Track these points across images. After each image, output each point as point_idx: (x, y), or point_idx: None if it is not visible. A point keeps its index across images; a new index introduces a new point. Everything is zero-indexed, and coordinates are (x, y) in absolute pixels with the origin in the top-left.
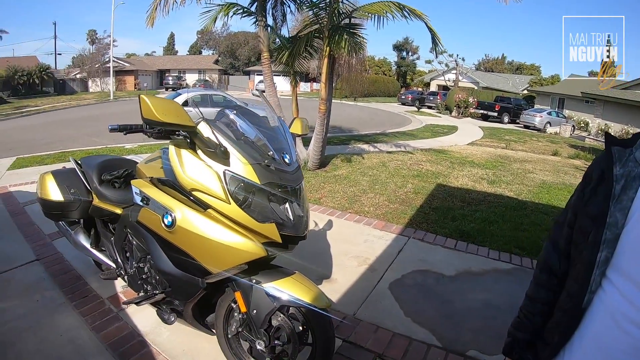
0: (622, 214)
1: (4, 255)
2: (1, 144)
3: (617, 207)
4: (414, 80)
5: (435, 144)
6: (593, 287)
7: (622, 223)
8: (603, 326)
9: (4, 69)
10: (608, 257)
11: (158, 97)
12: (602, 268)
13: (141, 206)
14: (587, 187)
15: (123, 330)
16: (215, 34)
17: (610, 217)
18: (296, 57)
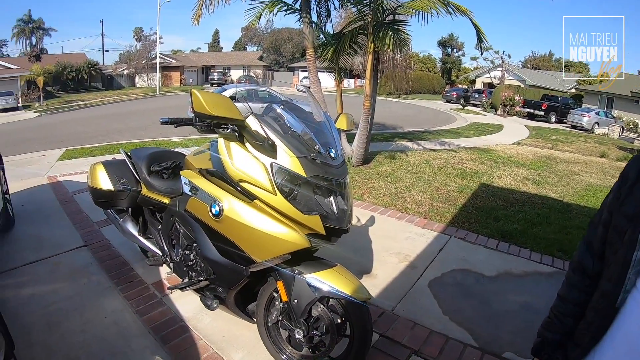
0: None
1: (53, 241)
2: (52, 136)
3: None
4: (459, 78)
5: (480, 143)
6: (628, 286)
7: None
8: (636, 326)
9: (54, 65)
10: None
11: (209, 92)
12: (638, 267)
13: (189, 196)
14: (624, 186)
15: (166, 315)
16: (259, 31)
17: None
18: (340, 54)
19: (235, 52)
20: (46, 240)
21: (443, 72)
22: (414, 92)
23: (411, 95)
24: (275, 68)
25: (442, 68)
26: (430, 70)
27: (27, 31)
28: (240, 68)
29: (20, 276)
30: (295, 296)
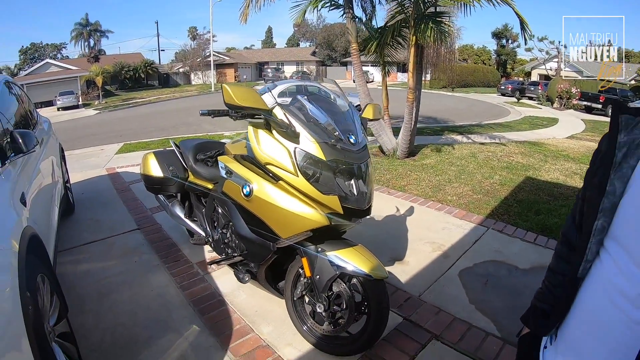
0: (620, 182)
1: (110, 224)
2: (111, 131)
3: (617, 175)
4: (514, 70)
5: (532, 137)
6: (589, 256)
7: (621, 192)
8: (595, 295)
9: (112, 65)
10: (605, 225)
11: (237, 86)
12: (599, 237)
13: (225, 178)
14: (597, 157)
15: (206, 291)
16: (311, 27)
17: (609, 186)
18: (384, 47)
19: (289, 48)
20: (103, 224)
21: (498, 64)
22: (468, 85)
23: (465, 88)
24: (328, 63)
25: (497, 60)
26: (485, 62)
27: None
28: (293, 64)
29: (78, 254)
30: (318, 272)
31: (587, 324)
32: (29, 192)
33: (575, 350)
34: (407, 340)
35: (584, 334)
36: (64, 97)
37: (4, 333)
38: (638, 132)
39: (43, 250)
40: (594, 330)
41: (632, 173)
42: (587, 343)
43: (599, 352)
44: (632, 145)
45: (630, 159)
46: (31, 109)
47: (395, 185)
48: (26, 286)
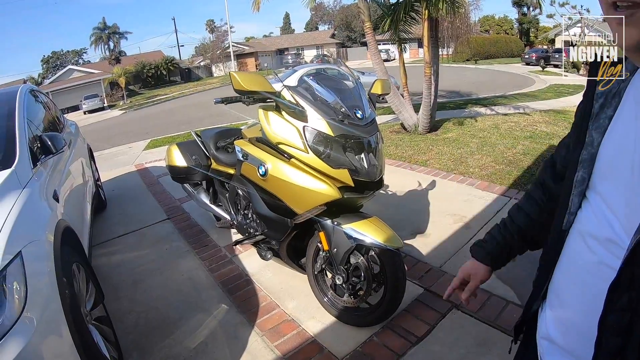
0: (598, 133)
1: (141, 216)
2: (137, 130)
3: (594, 125)
4: (538, 38)
5: (557, 105)
6: (572, 208)
7: (599, 142)
8: (574, 242)
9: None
10: (584, 177)
11: (244, 72)
12: (579, 188)
13: (242, 161)
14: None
15: (234, 272)
16: (328, 9)
17: (588, 137)
18: (398, 24)
19: (307, 32)
20: (134, 217)
21: (521, 34)
22: (491, 56)
23: (488, 60)
24: (348, 45)
25: (519, 29)
26: (507, 32)
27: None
28: (313, 48)
29: (112, 246)
30: (335, 245)
31: (567, 270)
32: (60, 190)
33: (559, 298)
34: (427, 310)
35: (565, 280)
36: (89, 100)
37: (43, 312)
38: (615, 83)
39: (77, 242)
40: (572, 275)
41: (608, 123)
42: (567, 289)
43: (575, 295)
44: (609, 95)
45: (607, 109)
46: (57, 114)
47: (417, 161)
48: (62, 273)
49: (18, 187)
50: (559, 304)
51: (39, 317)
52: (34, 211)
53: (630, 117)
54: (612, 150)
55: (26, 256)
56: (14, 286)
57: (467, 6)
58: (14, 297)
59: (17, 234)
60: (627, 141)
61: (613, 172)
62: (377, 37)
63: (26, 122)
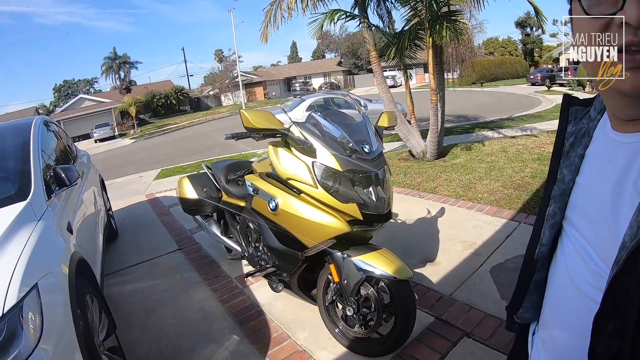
0: (569, 171)
1: (153, 246)
2: (148, 158)
3: (565, 163)
4: (542, 58)
5: None
6: (543, 240)
7: (570, 179)
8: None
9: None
10: (556, 211)
11: (254, 110)
12: (551, 221)
13: (253, 195)
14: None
15: (245, 303)
16: (334, 37)
17: (559, 174)
18: (403, 52)
19: (314, 60)
20: (146, 246)
21: (525, 54)
22: (496, 78)
23: (494, 82)
24: (355, 72)
25: (524, 50)
26: (512, 53)
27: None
28: (320, 76)
29: (124, 276)
30: (345, 277)
31: (553, 302)
32: (74, 221)
33: (547, 329)
34: (438, 339)
35: (552, 312)
36: (100, 129)
37: (58, 342)
38: (585, 122)
39: (90, 273)
40: (557, 305)
41: (580, 161)
42: (553, 320)
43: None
44: (579, 134)
45: (577, 148)
46: (70, 144)
47: (426, 188)
48: (77, 304)
49: (33, 220)
50: (547, 331)
51: (54, 348)
52: (49, 243)
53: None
54: (586, 190)
55: (42, 288)
56: (30, 317)
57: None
58: (30, 328)
59: (33, 266)
60: (598, 180)
61: (586, 209)
62: (383, 64)
63: (40, 154)
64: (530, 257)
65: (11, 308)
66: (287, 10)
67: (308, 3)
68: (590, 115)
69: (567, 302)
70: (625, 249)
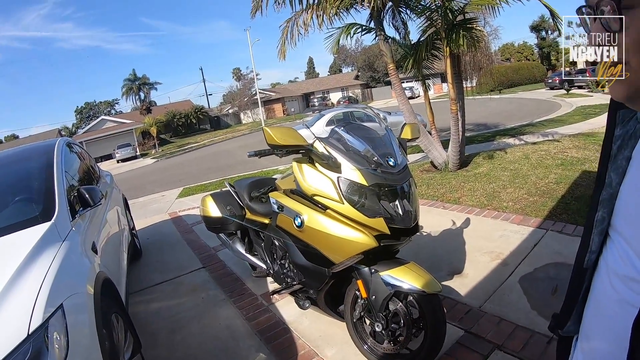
0: (616, 174)
1: (177, 265)
2: (170, 177)
3: (613, 167)
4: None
5: (585, 128)
6: (592, 247)
7: (617, 182)
8: (600, 281)
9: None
10: (604, 216)
11: (277, 127)
12: (600, 227)
13: (278, 213)
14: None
15: (271, 320)
16: (350, 51)
17: (607, 178)
18: (420, 63)
19: (332, 75)
20: (170, 265)
21: (542, 58)
22: (514, 84)
23: (512, 88)
24: (372, 85)
25: (540, 54)
26: (528, 58)
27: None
28: (338, 90)
29: (149, 294)
30: (373, 292)
31: (594, 310)
32: (98, 241)
33: (587, 338)
34: (468, 353)
35: (593, 320)
36: (122, 149)
37: None
38: (632, 124)
39: (115, 292)
40: (597, 312)
41: (627, 164)
42: (594, 325)
43: (601, 332)
44: (626, 136)
45: (625, 150)
46: (92, 164)
47: (450, 199)
48: (102, 324)
49: (58, 240)
50: (587, 340)
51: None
52: (74, 264)
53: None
54: (629, 191)
55: (67, 308)
56: (56, 337)
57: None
58: (55, 348)
59: (59, 287)
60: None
61: (629, 212)
62: (401, 75)
63: (64, 175)
64: (580, 265)
65: (37, 328)
66: (303, 26)
67: (324, 18)
68: (638, 117)
69: (607, 310)
70: None
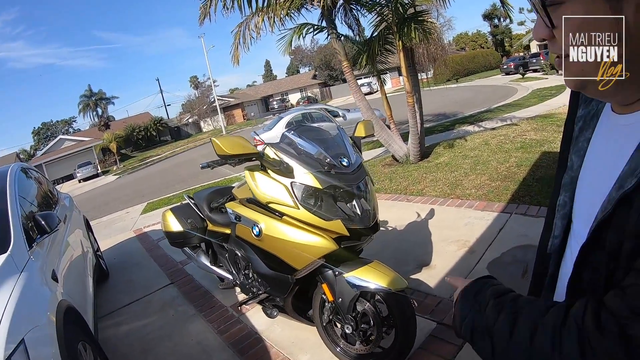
0: (577, 156)
1: (145, 283)
2: (133, 194)
3: (574, 149)
4: (513, 47)
5: (542, 110)
6: (556, 232)
7: (578, 165)
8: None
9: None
10: (566, 201)
11: (225, 137)
12: (562, 211)
13: (236, 223)
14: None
15: (243, 331)
16: (306, 51)
17: (569, 160)
18: (374, 58)
19: (290, 77)
20: (138, 284)
21: (496, 45)
22: (471, 72)
23: (469, 76)
24: (331, 83)
25: (494, 41)
26: (483, 46)
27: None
28: (297, 91)
29: (119, 317)
30: (339, 295)
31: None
32: (59, 268)
33: None
34: (443, 345)
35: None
36: (82, 168)
37: None
38: (594, 104)
39: (81, 320)
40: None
41: (587, 146)
42: None
43: None
44: (588, 117)
45: (586, 132)
46: (50, 188)
47: (413, 191)
48: (67, 355)
49: (15, 272)
50: None
51: None
52: (33, 295)
53: (603, 141)
54: (585, 174)
55: (29, 343)
56: None
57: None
58: None
59: (19, 321)
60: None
61: (587, 196)
62: (356, 72)
63: (18, 202)
64: (543, 251)
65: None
66: (255, 29)
67: (275, 20)
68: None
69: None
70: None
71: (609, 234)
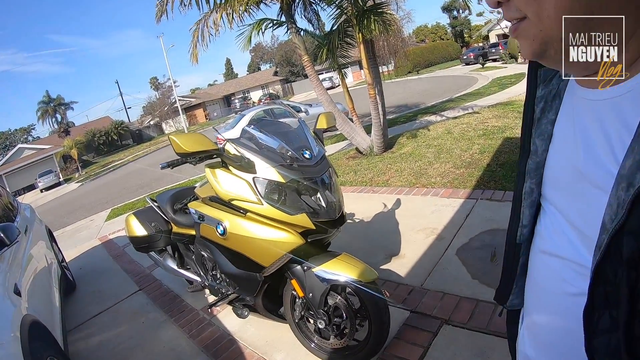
0: (541, 140)
1: (112, 292)
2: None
3: (537, 132)
4: (473, 37)
5: (503, 97)
6: (524, 220)
7: (543, 149)
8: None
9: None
10: (533, 187)
11: (183, 134)
12: (529, 199)
13: (200, 223)
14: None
15: (215, 334)
16: (267, 48)
17: (532, 145)
18: (334, 52)
19: (251, 74)
20: (106, 293)
21: (455, 36)
22: (431, 64)
23: (429, 67)
24: (292, 79)
25: (453, 32)
26: (442, 38)
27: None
28: (258, 88)
29: (89, 328)
30: (310, 290)
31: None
32: (22, 282)
33: (529, 310)
34: (418, 333)
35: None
36: (43, 177)
37: None
38: (555, 83)
39: (48, 334)
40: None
41: (552, 128)
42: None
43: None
44: (549, 97)
45: (549, 113)
46: (10, 199)
47: (378, 182)
48: None
49: None
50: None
51: None
52: None
53: (568, 122)
54: (558, 157)
55: None
56: None
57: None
58: None
59: None
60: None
61: (561, 182)
62: (318, 66)
63: None
64: (513, 240)
65: None
66: (214, 26)
67: (234, 16)
68: (560, 74)
69: (546, 288)
70: (606, 231)
71: (625, 240)
